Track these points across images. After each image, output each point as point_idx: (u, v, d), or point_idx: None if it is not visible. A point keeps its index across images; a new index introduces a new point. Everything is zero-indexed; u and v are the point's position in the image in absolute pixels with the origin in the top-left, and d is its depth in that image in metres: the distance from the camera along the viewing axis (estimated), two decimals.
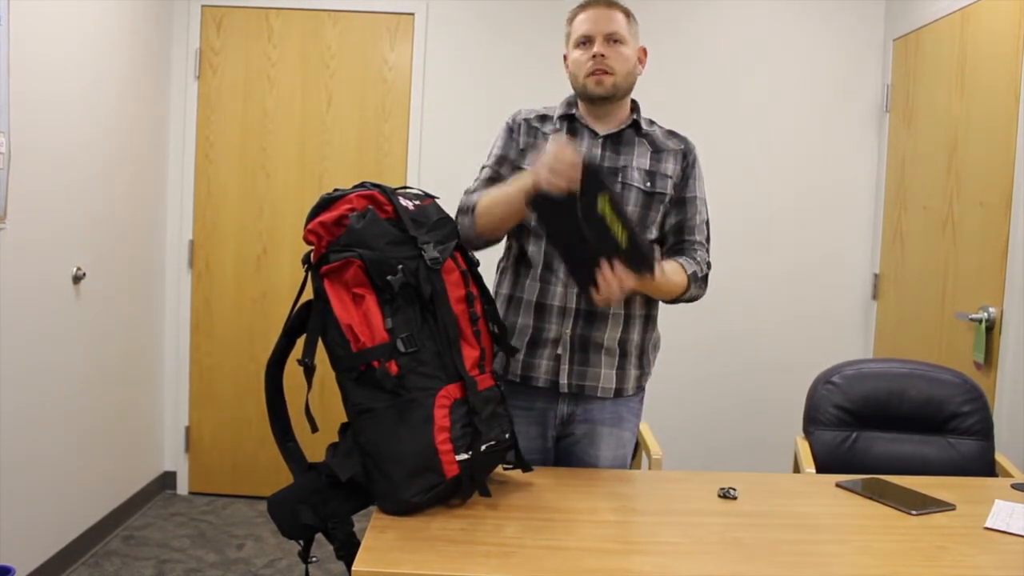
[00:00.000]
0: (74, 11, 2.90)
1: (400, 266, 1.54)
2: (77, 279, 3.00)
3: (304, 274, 1.62)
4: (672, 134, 2.04)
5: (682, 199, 2.00)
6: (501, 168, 2.00)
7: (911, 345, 3.29)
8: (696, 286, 1.96)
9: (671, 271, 1.89)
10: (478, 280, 1.70)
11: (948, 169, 3.04)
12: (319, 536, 1.60)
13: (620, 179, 1.94)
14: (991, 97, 2.79)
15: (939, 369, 2.44)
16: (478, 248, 1.91)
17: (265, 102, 3.81)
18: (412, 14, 3.76)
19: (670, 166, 1.98)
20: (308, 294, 1.62)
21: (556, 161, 1.60)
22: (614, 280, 1.62)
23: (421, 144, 3.78)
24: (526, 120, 2.01)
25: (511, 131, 2.02)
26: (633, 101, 2.03)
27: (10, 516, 2.66)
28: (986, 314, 2.69)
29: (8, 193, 2.53)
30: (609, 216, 1.58)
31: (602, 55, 1.90)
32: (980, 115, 2.86)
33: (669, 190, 1.97)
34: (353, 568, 1.35)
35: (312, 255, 1.60)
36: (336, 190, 1.63)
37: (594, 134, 1.97)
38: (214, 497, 3.87)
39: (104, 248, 3.22)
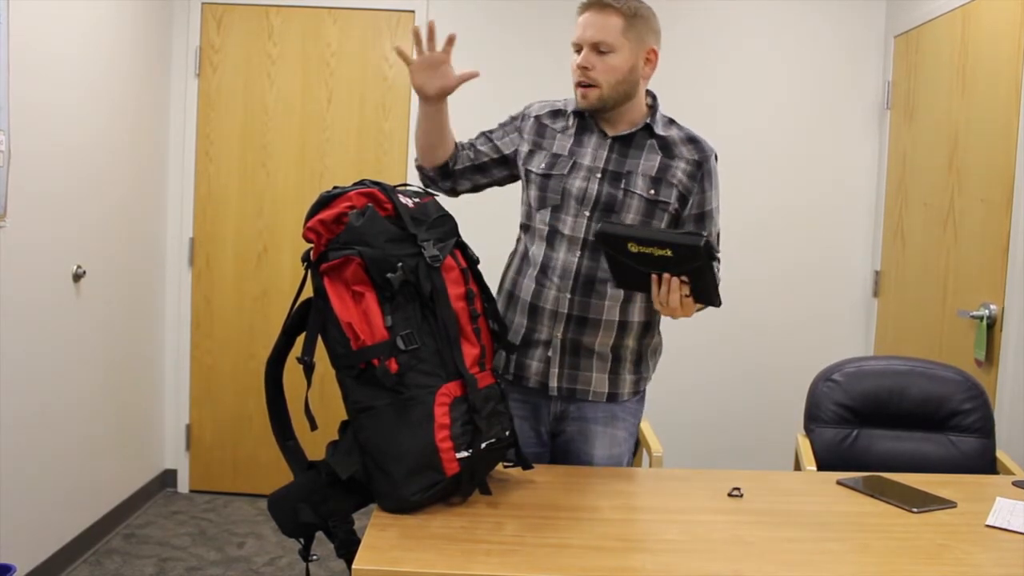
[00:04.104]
0: (74, 10, 2.89)
1: (400, 264, 1.54)
2: (77, 277, 3.00)
3: (304, 272, 1.62)
4: (691, 140, 1.95)
5: (701, 214, 1.94)
6: (477, 140, 2.06)
7: (912, 342, 3.29)
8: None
9: None
10: (478, 278, 1.70)
11: (949, 166, 3.04)
12: (320, 534, 1.60)
13: (623, 185, 1.90)
14: (992, 94, 2.78)
15: (940, 366, 2.44)
16: (443, 191, 1.98)
17: (265, 100, 3.80)
18: (412, 11, 3.75)
19: (679, 174, 1.91)
20: (308, 292, 1.62)
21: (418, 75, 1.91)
22: (667, 294, 1.65)
23: None
24: (536, 117, 2.02)
25: (513, 120, 2.06)
26: (653, 98, 1.98)
27: (11, 514, 2.66)
28: (987, 311, 2.68)
29: (8, 191, 2.53)
30: (646, 250, 1.65)
31: (584, 67, 1.86)
32: (981, 112, 2.85)
33: (674, 200, 1.91)
34: (354, 566, 1.35)
35: (312, 253, 1.60)
36: (336, 188, 1.62)
37: (603, 135, 1.94)
38: (215, 495, 3.87)
39: (104, 246, 3.21)
